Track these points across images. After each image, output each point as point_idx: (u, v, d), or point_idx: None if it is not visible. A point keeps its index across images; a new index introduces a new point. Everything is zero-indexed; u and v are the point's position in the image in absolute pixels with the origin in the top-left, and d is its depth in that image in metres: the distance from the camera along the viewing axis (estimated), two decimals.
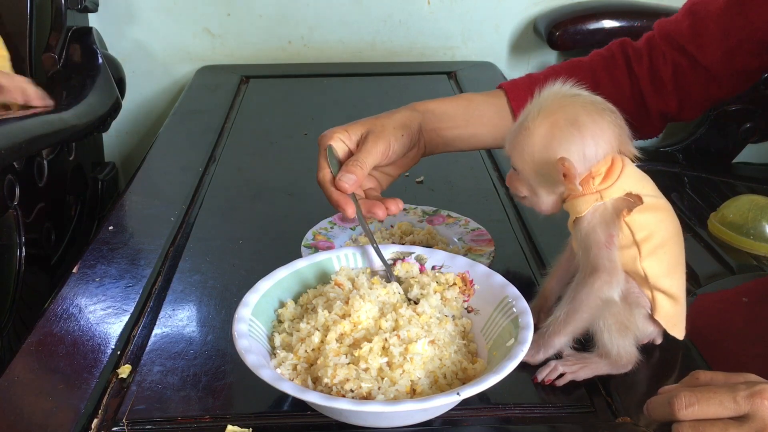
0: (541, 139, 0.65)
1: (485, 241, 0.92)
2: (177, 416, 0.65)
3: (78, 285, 0.86)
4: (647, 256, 0.66)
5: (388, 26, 1.83)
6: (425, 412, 0.62)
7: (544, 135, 0.64)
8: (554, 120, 0.64)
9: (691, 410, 0.57)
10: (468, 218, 0.97)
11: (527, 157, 0.66)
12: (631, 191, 0.64)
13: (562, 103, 0.65)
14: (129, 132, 1.89)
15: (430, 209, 1.00)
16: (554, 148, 0.64)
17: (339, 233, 0.93)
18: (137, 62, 1.79)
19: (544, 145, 0.65)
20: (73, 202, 1.46)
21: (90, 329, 0.78)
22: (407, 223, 0.95)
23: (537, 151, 0.65)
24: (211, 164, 1.22)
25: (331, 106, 1.54)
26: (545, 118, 0.65)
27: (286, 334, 0.69)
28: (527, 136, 0.66)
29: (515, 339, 0.65)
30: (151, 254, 0.93)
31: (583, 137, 0.63)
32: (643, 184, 0.66)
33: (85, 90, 1.41)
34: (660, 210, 0.67)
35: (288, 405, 0.66)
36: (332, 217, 0.96)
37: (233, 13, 1.80)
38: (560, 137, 0.64)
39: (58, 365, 0.72)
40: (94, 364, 0.72)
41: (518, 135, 0.67)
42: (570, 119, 0.64)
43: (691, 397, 0.57)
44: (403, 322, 0.67)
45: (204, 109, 1.49)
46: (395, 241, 0.92)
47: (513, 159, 0.68)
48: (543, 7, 1.80)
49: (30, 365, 0.71)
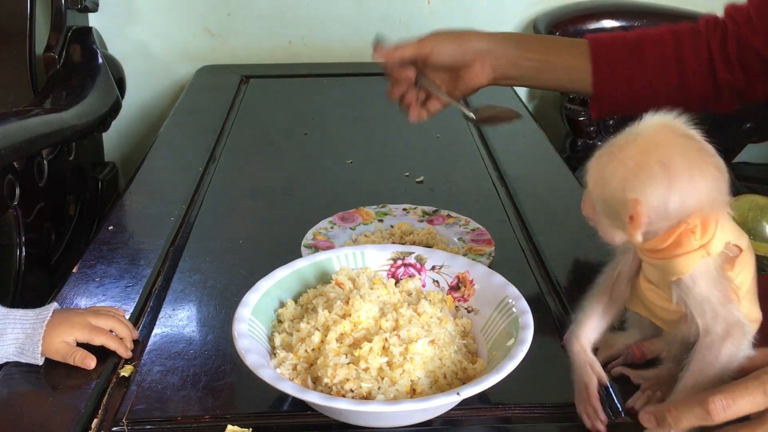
0: (624, 171, 0.56)
1: (485, 241, 0.92)
2: (177, 416, 0.65)
3: (78, 285, 0.86)
4: (743, 300, 0.59)
5: (388, 26, 1.83)
6: (425, 412, 0.62)
7: (628, 168, 0.56)
8: (646, 157, 0.55)
9: (730, 412, 0.54)
10: (468, 218, 0.97)
11: (601, 182, 0.58)
12: (729, 241, 0.57)
13: (663, 141, 0.56)
14: (129, 132, 1.89)
15: (429, 209, 1.00)
16: (633, 186, 0.55)
17: (339, 233, 0.93)
18: (137, 62, 1.79)
19: (623, 178, 0.56)
20: (73, 201, 1.46)
21: None
22: (407, 224, 0.95)
23: (614, 182, 0.56)
24: (211, 164, 1.22)
25: (331, 106, 1.54)
26: (637, 150, 0.56)
27: (286, 334, 0.69)
28: (610, 160, 0.57)
29: (515, 339, 0.65)
30: (151, 254, 0.93)
31: (671, 188, 0.54)
32: (740, 232, 0.58)
33: (85, 90, 1.41)
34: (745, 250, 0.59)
35: (288, 405, 0.66)
36: (332, 217, 0.96)
37: (233, 13, 1.80)
38: (644, 178, 0.55)
39: (58, 365, 0.72)
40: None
41: (603, 155, 0.58)
42: (664, 163, 0.55)
43: (727, 398, 0.54)
44: (404, 322, 0.67)
45: (204, 109, 1.49)
46: (395, 241, 0.92)
47: (589, 175, 0.59)
48: (543, 7, 1.80)
49: (30, 365, 0.71)
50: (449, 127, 1.00)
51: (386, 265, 0.79)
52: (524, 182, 1.12)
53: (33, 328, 0.71)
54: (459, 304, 0.75)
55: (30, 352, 0.70)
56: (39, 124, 1.19)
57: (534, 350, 0.64)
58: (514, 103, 1.49)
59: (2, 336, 0.70)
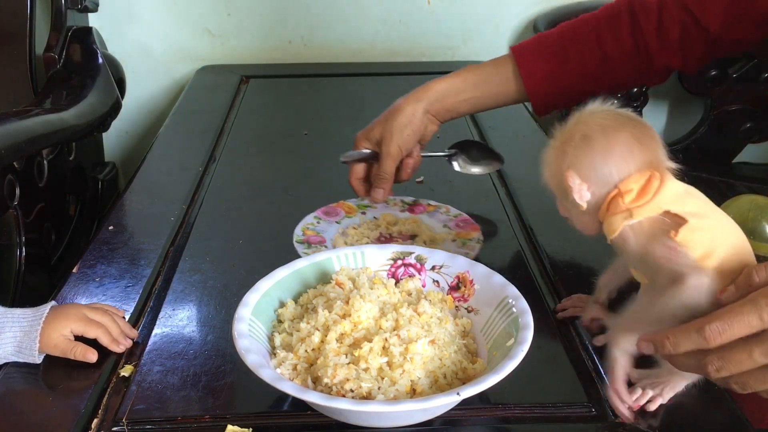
0: (557, 156, 0.64)
1: (470, 225, 0.96)
2: (177, 416, 0.65)
3: (78, 285, 0.86)
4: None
5: (388, 26, 1.83)
6: (425, 412, 0.62)
7: (559, 149, 0.64)
8: (569, 136, 0.63)
9: (725, 336, 0.56)
10: (448, 206, 1.00)
11: (548, 172, 0.66)
12: (668, 210, 0.60)
13: (580, 120, 0.64)
14: (129, 132, 1.89)
15: (409, 199, 1.03)
16: (566, 164, 0.62)
17: (326, 227, 0.96)
18: (137, 62, 1.79)
19: (558, 160, 0.64)
20: (73, 201, 1.46)
21: None
22: (390, 214, 0.99)
23: (554, 166, 0.64)
24: (211, 164, 1.22)
25: (331, 106, 1.54)
26: (564, 134, 0.64)
27: (286, 334, 0.69)
28: (547, 153, 0.65)
29: (515, 339, 0.65)
30: (151, 254, 0.93)
31: (592, 153, 0.61)
32: (685, 201, 0.61)
33: (85, 90, 1.41)
34: (712, 223, 0.61)
35: (288, 405, 0.66)
36: (316, 212, 0.98)
37: (233, 13, 1.80)
38: (572, 153, 0.62)
39: (58, 365, 0.72)
40: (94, 364, 0.71)
41: (544, 152, 0.66)
42: (583, 134, 0.62)
43: (722, 324, 0.56)
44: (404, 322, 0.67)
45: (204, 109, 1.49)
46: (382, 232, 0.96)
47: (544, 177, 0.67)
48: (543, 7, 1.80)
49: (30, 364, 0.71)
50: (449, 127, 1.00)
51: (386, 265, 0.79)
52: (524, 182, 1.12)
53: (31, 326, 0.71)
54: (459, 304, 0.75)
55: (28, 350, 0.70)
56: (39, 124, 1.19)
57: (534, 350, 0.64)
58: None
59: (1, 334, 0.70)
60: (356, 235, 0.95)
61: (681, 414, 0.66)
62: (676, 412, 0.66)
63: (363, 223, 0.98)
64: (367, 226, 0.97)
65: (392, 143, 0.93)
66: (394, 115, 0.94)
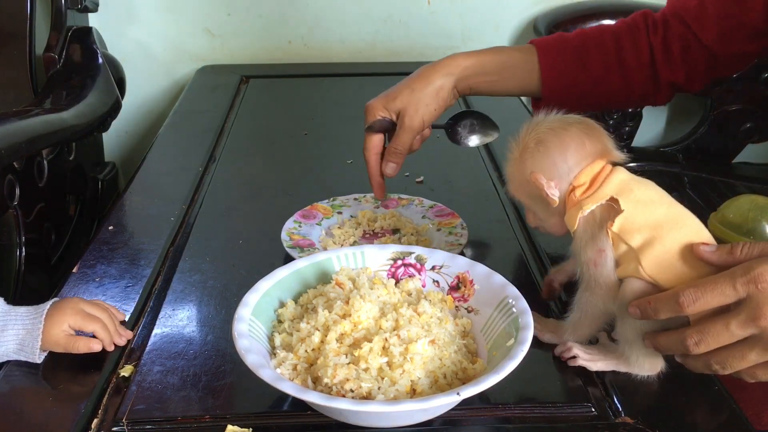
0: (518, 166, 0.69)
1: (449, 214, 0.96)
2: (177, 416, 0.65)
3: (78, 285, 0.86)
4: (648, 265, 0.63)
5: (388, 26, 1.83)
6: (425, 412, 0.62)
7: (518, 160, 0.68)
8: (524, 145, 0.68)
9: (699, 304, 0.59)
10: (420, 198, 1.01)
11: (514, 185, 0.71)
12: (611, 196, 0.63)
13: (529, 129, 0.68)
14: (129, 132, 1.89)
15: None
16: (528, 168, 0.67)
17: (309, 230, 0.95)
18: (137, 62, 1.79)
19: (520, 169, 0.68)
20: (73, 201, 1.46)
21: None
22: (368, 211, 0.99)
23: (518, 177, 0.69)
24: (211, 164, 1.22)
25: (331, 106, 1.54)
26: (518, 146, 0.69)
27: (286, 334, 0.69)
28: (508, 165, 0.71)
29: (515, 339, 0.65)
30: (151, 254, 0.93)
31: (548, 151, 0.66)
32: (632, 188, 0.64)
33: (85, 90, 1.41)
34: (660, 213, 0.64)
35: (288, 405, 0.66)
36: (294, 216, 0.97)
37: (233, 13, 1.80)
38: (531, 158, 0.67)
39: (58, 365, 0.72)
40: (94, 364, 0.72)
41: (506, 169, 0.71)
42: (536, 139, 0.67)
43: (696, 291, 0.59)
44: (404, 322, 0.67)
45: (204, 109, 1.49)
46: (365, 229, 0.96)
47: (510, 191, 0.72)
48: (543, 7, 1.80)
49: (30, 364, 0.71)
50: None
51: (386, 265, 0.79)
52: None
53: (33, 323, 0.71)
54: (459, 304, 0.75)
55: (29, 348, 0.70)
56: (39, 124, 1.19)
57: (534, 350, 0.64)
58: (514, 104, 1.49)
59: (3, 332, 0.70)
60: (342, 234, 0.94)
61: (681, 414, 0.66)
62: (677, 412, 0.66)
63: (345, 223, 0.98)
64: (350, 225, 0.97)
65: (417, 116, 0.89)
66: (422, 86, 0.90)
